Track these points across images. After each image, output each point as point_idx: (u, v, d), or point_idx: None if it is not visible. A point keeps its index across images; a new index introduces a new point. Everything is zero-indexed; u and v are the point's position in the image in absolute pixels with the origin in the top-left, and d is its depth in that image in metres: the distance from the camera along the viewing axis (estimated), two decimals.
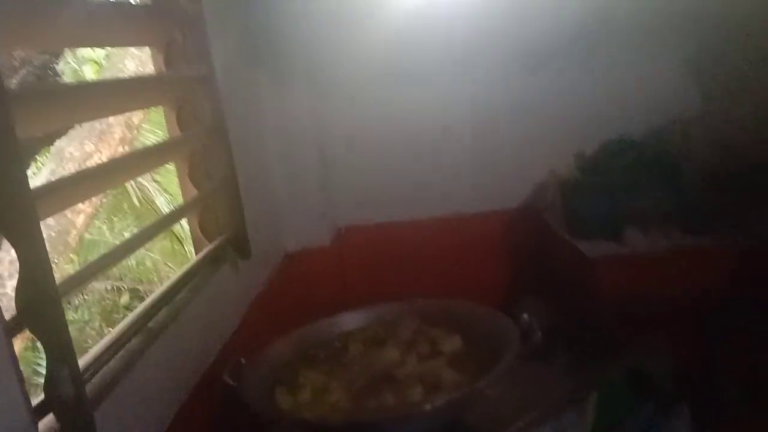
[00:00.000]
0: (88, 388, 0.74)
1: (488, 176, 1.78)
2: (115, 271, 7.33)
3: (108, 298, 7.51)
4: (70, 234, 3.42)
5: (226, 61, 1.29)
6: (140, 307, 0.94)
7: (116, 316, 7.20)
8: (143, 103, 1.24)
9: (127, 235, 7.37)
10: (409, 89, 1.71)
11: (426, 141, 1.76)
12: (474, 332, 1.09)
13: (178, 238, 7.18)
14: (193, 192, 1.22)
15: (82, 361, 0.75)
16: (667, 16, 1.59)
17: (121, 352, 0.84)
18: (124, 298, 7.49)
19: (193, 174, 1.22)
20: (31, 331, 0.65)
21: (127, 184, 6.67)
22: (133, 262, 7.26)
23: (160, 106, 1.19)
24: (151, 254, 7.34)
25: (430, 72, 1.70)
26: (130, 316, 0.91)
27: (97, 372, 0.77)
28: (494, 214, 1.80)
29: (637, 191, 1.42)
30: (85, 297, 7.18)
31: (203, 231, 1.24)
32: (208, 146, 1.19)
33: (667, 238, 1.38)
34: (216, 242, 1.20)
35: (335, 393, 1.00)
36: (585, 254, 1.42)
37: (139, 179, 6.70)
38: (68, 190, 0.77)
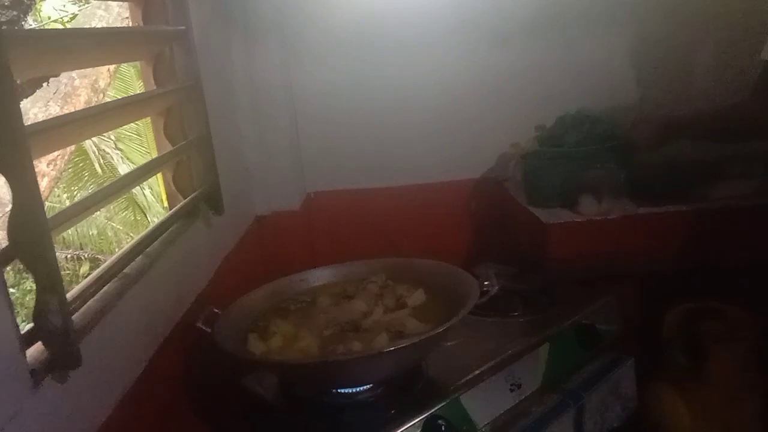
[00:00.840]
0: (74, 319, 0.78)
1: (453, 147, 1.85)
2: (75, 239, 7.24)
3: (68, 267, 7.41)
4: None
5: (202, 19, 1.32)
6: (118, 253, 0.98)
7: (76, 285, 7.13)
8: (122, 56, 1.26)
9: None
10: (378, 57, 1.75)
11: (393, 110, 1.82)
12: (437, 286, 1.15)
13: (140, 208, 7.11)
14: (168, 148, 1.25)
15: (69, 295, 0.79)
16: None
17: (102, 292, 0.88)
18: (84, 268, 7.40)
19: (168, 129, 1.25)
20: (22, 262, 0.69)
21: (90, 151, 6.56)
22: (94, 232, 7.17)
23: (135, 62, 1.21)
24: (113, 224, 7.26)
25: (400, 41, 1.75)
26: (109, 261, 0.95)
27: (82, 306, 0.81)
28: (458, 183, 1.87)
29: (591, 162, 1.50)
30: None
31: (177, 186, 1.28)
32: (184, 102, 1.23)
33: (618, 206, 1.47)
34: (190, 197, 1.23)
35: (305, 340, 1.06)
36: (541, 220, 1.50)
37: (102, 146, 6.60)
38: (59, 129, 0.80)
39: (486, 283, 1.41)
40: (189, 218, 1.25)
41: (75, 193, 7.26)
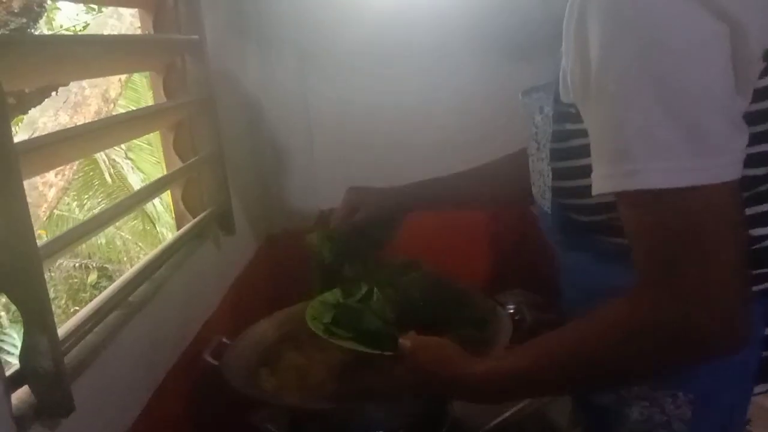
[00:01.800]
0: (66, 360, 0.70)
1: (471, 163, 1.76)
2: (83, 248, 7.20)
3: (75, 276, 7.37)
4: (41, 207, 3.32)
5: (216, 29, 1.25)
6: (121, 280, 0.90)
7: (83, 294, 7.07)
8: (131, 66, 1.19)
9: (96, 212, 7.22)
10: (395, 70, 1.67)
11: (410, 126, 1.73)
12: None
13: (150, 218, 7.07)
14: (177, 164, 1.18)
15: (61, 331, 0.70)
16: None
17: (101, 325, 0.80)
18: (92, 277, 7.36)
19: (178, 145, 1.17)
20: (9, 297, 0.61)
21: (100, 161, 6.53)
22: (103, 241, 7.13)
23: (146, 72, 1.14)
24: (122, 233, 7.22)
25: (417, 55, 1.67)
26: (110, 288, 0.87)
27: (76, 344, 0.73)
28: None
29: None
30: (52, 274, 7.05)
31: (186, 205, 1.20)
32: (196, 116, 1.15)
33: None
34: (199, 217, 1.15)
35: (318, 375, 0.98)
36: None
37: (112, 156, 6.56)
38: (52, 148, 0.72)
39: (511, 310, 1.32)
40: (198, 239, 1.17)
41: (85, 202, 7.24)
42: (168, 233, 6.67)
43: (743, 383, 0.69)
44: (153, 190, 1.02)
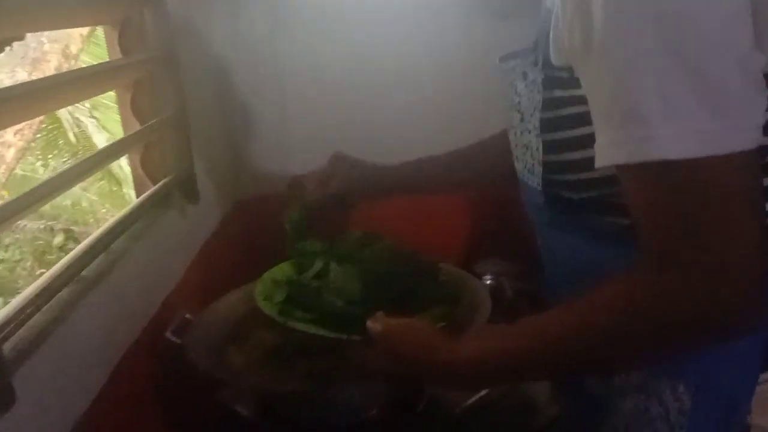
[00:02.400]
0: (7, 346, 0.63)
1: (455, 126, 1.69)
2: (49, 210, 7.02)
3: (41, 237, 7.19)
4: None
5: None
6: (72, 253, 0.82)
7: (49, 257, 6.90)
8: (82, 19, 1.08)
9: None
10: (374, 30, 1.59)
11: (389, 87, 1.65)
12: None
13: (116, 179, 6.88)
14: (136, 126, 1.09)
15: (5, 313, 0.63)
16: None
17: (50, 304, 0.73)
18: (58, 239, 7.18)
19: (136, 105, 1.08)
20: None
21: (63, 120, 6.31)
22: (69, 202, 6.95)
23: (100, 25, 1.04)
24: (88, 195, 7.04)
25: (397, 12, 1.59)
26: (61, 263, 0.79)
27: (19, 328, 0.65)
28: None
29: None
30: (17, 236, 6.86)
31: (146, 170, 1.12)
32: (156, 74, 1.06)
33: None
34: (160, 184, 1.08)
35: (288, 353, 0.92)
36: None
37: (76, 114, 6.33)
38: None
39: (488, 281, 1.28)
40: (159, 208, 1.10)
41: (49, 161, 7.01)
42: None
43: (749, 371, 0.65)
44: (108, 154, 0.93)
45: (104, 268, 0.89)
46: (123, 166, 6.78)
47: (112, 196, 6.92)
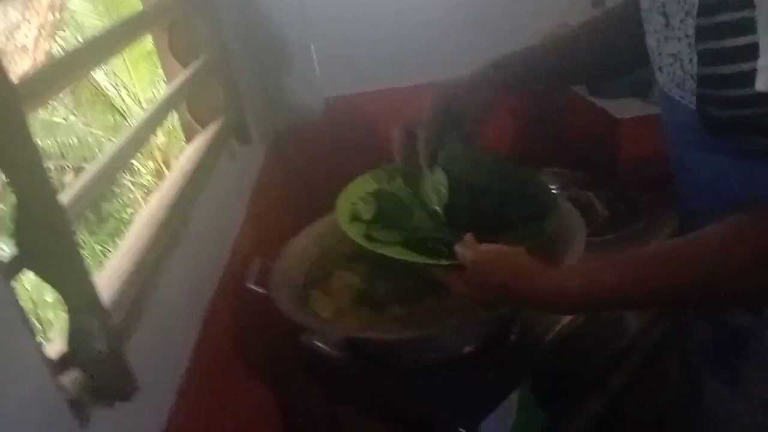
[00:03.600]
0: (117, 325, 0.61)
1: (484, 32, 1.60)
2: (56, 150, 6.96)
3: (52, 177, 7.15)
4: None
5: None
6: (148, 217, 0.79)
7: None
8: None
9: (63, 109, 6.89)
10: None
11: (409, 5, 1.56)
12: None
13: (119, 110, 6.75)
14: (177, 69, 1.03)
15: (108, 293, 0.61)
16: None
17: (139, 275, 0.70)
18: (68, 177, 7.16)
19: (175, 48, 1.02)
20: (41, 276, 0.50)
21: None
22: (75, 140, 6.87)
23: None
24: (93, 130, 6.95)
25: None
26: (140, 230, 0.76)
27: (126, 308, 0.63)
28: None
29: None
30: None
31: (194, 116, 1.07)
32: (192, 14, 0.99)
33: None
34: (214, 128, 1.03)
35: (377, 293, 0.90)
36: (611, 115, 1.30)
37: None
38: (51, 80, 0.59)
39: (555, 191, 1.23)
40: (212, 154, 1.05)
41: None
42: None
43: None
44: (165, 108, 0.88)
45: (178, 224, 0.85)
46: (124, 98, 6.66)
47: (116, 129, 6.82)
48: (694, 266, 0.58)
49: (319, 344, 0.99)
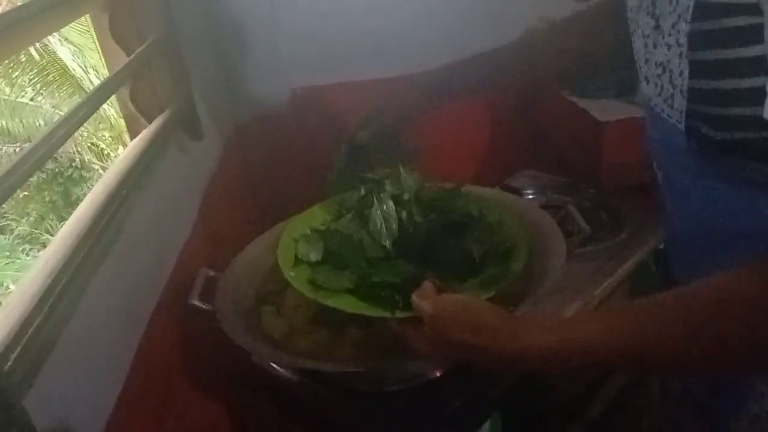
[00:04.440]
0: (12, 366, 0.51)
1: (467, 23, 1.51)
2: (21, 132, 6.79)
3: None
4: None
5: None
6: (76, 221, 0.68)
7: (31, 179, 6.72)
8: None
9: (30, 90, 6.69)
10: None
11: None
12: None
13: (86, 92, 6.58)
14: (119, 54, 0.92)
15: (1, 335, 0.51)
16: None
17: (48, 302, 0.59)
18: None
19: (116, 30, 0.91)
20: None
21: None
22: (42, 123, 6.69)
23: None
24: (60, 112, 6.75)
25: None
26: (64, 235, 0.66)
27: (20, 341, 0.52)
28: None
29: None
30: None
31: (138, 106, 0.96)
32: None
33: None
34: (158, 121, 0.92)
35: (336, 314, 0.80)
36: (596, 118, 1.22)
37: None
38: None
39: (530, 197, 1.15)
40: (158, 149, 0.94)
41: (15, 80, 6.65)
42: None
43: None
44: (99, 97, 0.77)
45: (112, 231, 0.75)
46: (93, 79, 6.48)
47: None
48: (690, 317, 0.49)
49: (273, 365, 0.90)
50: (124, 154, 0.87)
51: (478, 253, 0.74)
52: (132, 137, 0.95)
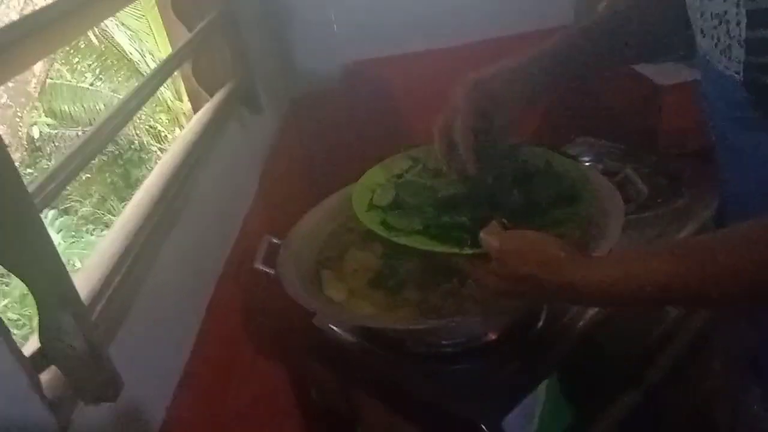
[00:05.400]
0: (97, 318, 0.55)
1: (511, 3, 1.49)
2: (83, 115, 6.99)
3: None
4: (30, 84, 3.04)
5: None
6: (144, 194, 0.72)
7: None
8: None
9: (89, 75, 6.89)
10: None
11: None
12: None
13: (144, 76, 6.73)
14: (181, 30, 0.96)
15: (86, 289, 0.55)
16: None
17: (126, 262, 0.63)
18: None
19: (178, 6, 0.94)
20: (7, 268, 0.44)
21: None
22: (102, 106, 6.88)
23: None
24: (119, 96, 6.93)
25: None
26: (134, 207, 0.70)
27: (103, 296, 0.57)
28: (524, 37, 1.53)
29: None
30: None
31: (200, 82, 0.99)
32: None
33: None
34: (219, 96, 0.95)
35: (394, 276, 0.83)
36: (653, 81, 1.20)
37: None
38: (24, 46, 0.52)
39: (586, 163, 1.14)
40: (219, 123, 0.98)
41: (76, 66, 6.86)
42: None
43: None
44: (163, 73, 0.81)
45: (180, 200, 0.79)
46: (149, 63, 6.63)
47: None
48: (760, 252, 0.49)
49: (334, 328, 0.93)
50: (188, 127, 0.91)
51: (546, 200, 0.76)
52: (195, 111, 0.99)
